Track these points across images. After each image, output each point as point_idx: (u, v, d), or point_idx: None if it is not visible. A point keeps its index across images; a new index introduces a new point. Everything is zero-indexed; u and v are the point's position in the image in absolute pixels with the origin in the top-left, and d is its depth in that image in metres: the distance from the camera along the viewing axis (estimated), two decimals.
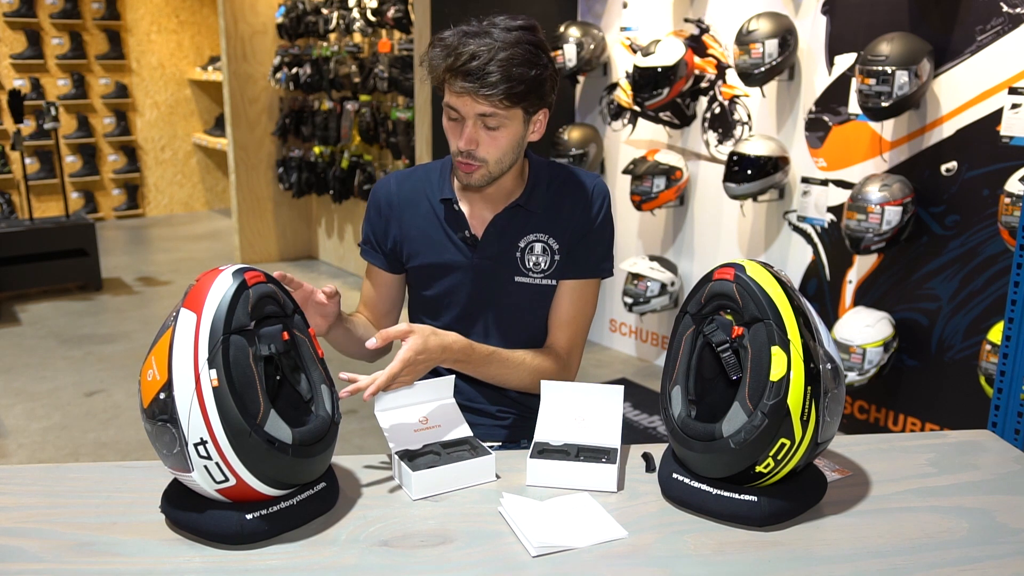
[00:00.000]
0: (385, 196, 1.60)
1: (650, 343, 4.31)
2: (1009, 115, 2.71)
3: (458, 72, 1.36)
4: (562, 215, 1.55)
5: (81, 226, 5.27)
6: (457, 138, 1.43)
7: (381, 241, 1.61)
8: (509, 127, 1.42)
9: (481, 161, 1.44)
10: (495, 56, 1.35)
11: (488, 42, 1.36)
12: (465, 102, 1.39)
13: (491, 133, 1.42)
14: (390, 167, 5.26)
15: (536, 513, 1.18)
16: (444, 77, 1.40)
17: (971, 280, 2.91)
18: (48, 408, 3.64)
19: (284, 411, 1.12)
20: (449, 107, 1.42)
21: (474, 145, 1.42)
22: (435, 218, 1.57)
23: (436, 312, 1.61)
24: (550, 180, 1.57)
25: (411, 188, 1.59)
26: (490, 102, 1.37)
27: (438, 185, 1.58)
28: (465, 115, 1.41)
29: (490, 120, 1.40)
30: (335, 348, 1.59)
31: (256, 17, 5.80)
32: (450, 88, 1.40)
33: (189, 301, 1.10)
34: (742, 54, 3.26)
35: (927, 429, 3.11)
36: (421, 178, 1.60)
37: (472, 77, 1.35)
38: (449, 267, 1.56)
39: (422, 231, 1.57)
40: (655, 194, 3.78)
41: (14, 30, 6.87)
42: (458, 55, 1.35)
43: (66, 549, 1.09)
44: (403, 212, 1.58)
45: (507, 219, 1.54)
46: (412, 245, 1.58)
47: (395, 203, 1.59)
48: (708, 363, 1.25)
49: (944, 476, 1.33)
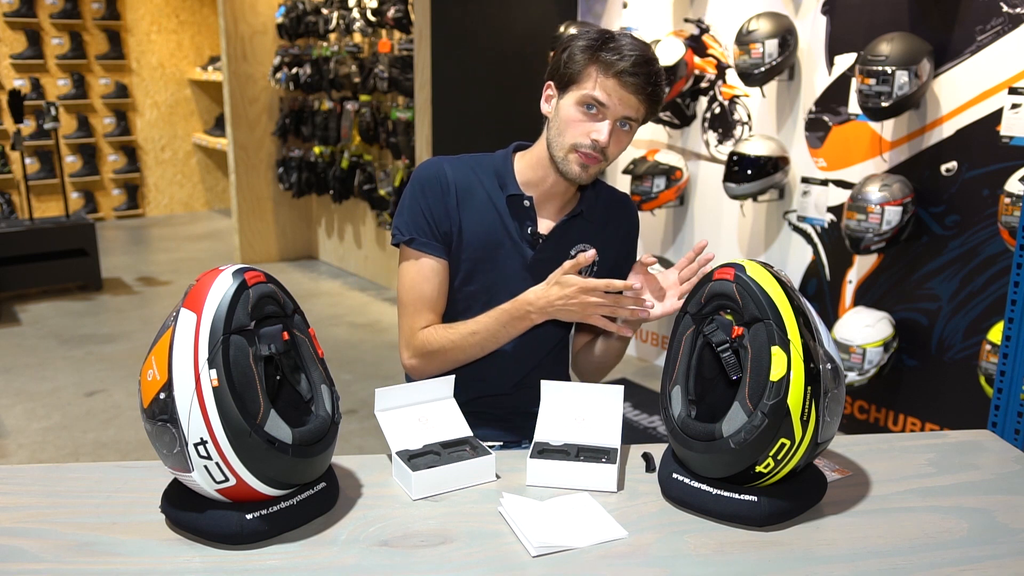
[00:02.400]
0: (442, 179, 1.52)
1: (650, 343, 4.31)
2: (1009, 115, 2.71)
3: (627, 71, 1.39)
4: (607, 233, 1.61)
5: (81, 226, 5.27)
6: (593, 132, 1.43)
7: (439, 224, 1.51)
8: (632, 132, 1.48)
9: (605, 157, 1.46)
10: (656, 67, 1.43)
11: (647, 48, 1.43)
12: (624, 99, 1.41)
13: (623, 133, 1.46)
14: (390, 167, 5.26)
15: (536, 513, 1.18)
16: (601, 72, 1.41)
17: (971, 280, 2.91)
18: (48, 408, 3.64)
19: (284, 411, 1.12)
20: (596, 101, 1.42)
21: (608, 142, 1.44)
22: (494, 211, 1.54)
23: (468, 308, 1.56)
24: (597, 193, 1.62)
25: (465, 176, 1.54)
26: (644, 106, 1.43)
27: (496, 180, 1.54)
28: (613, 113, 1.42)
29: (630, 122, 1.45)
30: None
31: (256, 17, 5.80)
32: (603, 83, 1.41)
33: (189, 301, 1.10)
34: (742, 54, 3.26)
35: (927, 429, 3.11)
36: (473, 168, 1.56)
37: (642, 79, 1.40)
38: (500, 263, 1.54)
39: (479, 222, 1.53)
40: (655, 194, 3.78)
41: (14, 30, 6.87)
42: (629, 55, 1.39)
43: (66, 549, 1.09)
44: (462, 200, 1.53)
45: (567, 226, 1.57)
46: (467, 236, 1.53)
47: (452, 190, 1.52)
48: (708, 363, 1.25)
49: (944, 476, 1.33)
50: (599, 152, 1.44)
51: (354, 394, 3.76)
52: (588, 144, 1.43)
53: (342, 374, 4.01)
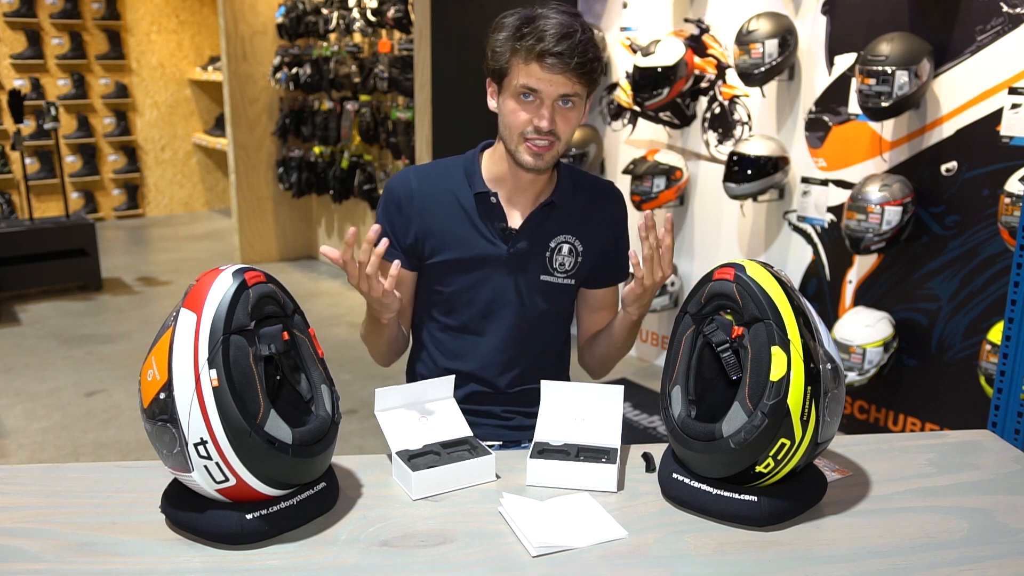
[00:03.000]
0: (405, 192, 1.56)
1: (650, 343, 4.31)
2: (1009, 115, 2.71)
3: (548, 52, 1.37)
4: (590, 222, 1.59)
5: (81, 226, 5.27)
6: (534, 118, 1.42)
7: (401, 238, 1.57)
8: (579, 107, 1.45)
9: (557, 138, 1.45)
10: (580, 36, 1.38)
11: (568, 21, 1.38)
12: (553, 80, 1.39)
13: (566, 112, 1.44)
14: (390, 167, 5.26)
15: (536, 513, 1.18)
16: (523, 60, 1.40)
17: (971, 280, 2.91)
18: (48, 408, 3.64)
19: (284, 411, 1.12)
20: (527, 88, 1.41)
21: (554, 124, 1.43)
22: (463, 212, 1.55)
23: (452, 309, 1.59)
24: (575, 183, 1.60)
25: (432, 183, 1.57)
26: (577, 81, 1.40)
27: (466, 180, 1.56)
28: (546, 95, 1.41)
29: (569, 99, 1.42)
30: (379, 346, 1.61)
31: (256, 17, 5.80)
32: (528, 70, 1.40)
33: (189, 301, 1.10)
34: (742, 54, 3.26)
35: (927, 429, 3.11)
36: (442, 173, 1.58)
37: (565, 56, 1.37)
38: (477, 262, 1.55)
39: (448, 226, 1.55)
40: (655, 194, 3.78)
41: (14, 30, 6.87)
42: (545, 35, 1.37)
43: (66, 549, 1.09)
44: (426, 207, 1.56)
45: (541, 217, 1.56)
46: (436, 240, 1.55)
47: (417, 198, 1.56)
48: (708, 363, 1.25)
49: (944, 476, 1.33)
50: (548, 136, 1.43)
51: (354, 394, 3.76)
52: (532, 131, 1.43)
53: (342, 374, 4.01)
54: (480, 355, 1.59)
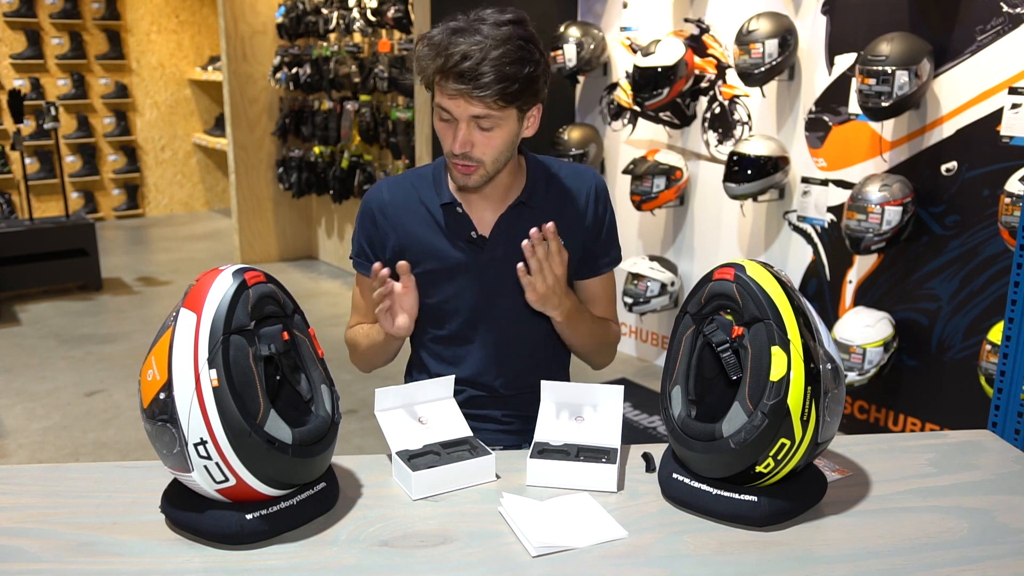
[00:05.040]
0: (378, 204, 1.55)
1: (650, 343, 4.31)
2: (1009, 115, 2.71)
3: (449, 73, 1.31)
4: (567, 212, 1.54)
5: (81, 226, 5.28)
6: (451, 140, 1.39)
7: (379, 251, 1.56)
8: (504, 127, 1.38)
9: (477, 162, 1.40)
10: (487, 55, 1.29)
11: (479, 40, 1.30)
12: (458, 104, 1.34)
13: (486, 134, 1.38)
14: (390, 167, 5.26)
15: (536, 513, 1.18)
16: (434, 78, 1.36)
17: (971, 280, 2.91)
18: (48, 408, 3.64)
19: (284, 411, 1.12)
20: (441, 108, 1.38)
21: (469, 147, 1.38)
22: (434, 223, 1.53)
23: (440, 320, 1.58)
24: (549, 177, 1.56)
25: (404, 194, 1.55)
26: (484, 103, 1.33)
27: (434, 189, 1.54)
28: (458, 117, 1.36)
29: (484, 121, 1.36)
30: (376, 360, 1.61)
31: (256, 17, 5.80)
32: (441, 89, 1.35)
33: (189, 301, 1.10)
34: (742, 54, 3.26)
35: (927, 429, 3.11)
36: (413, 183, 1.56)
37: (464, 79, 1.30)
38: (453, 271, 1.53)
39: (421, 237, 1.54)
40: (655, 194, 3.78)
41: (14, 30, 6.87)
42: (449, 56, 1.30)
43: (66, 549, 1.09)
44: (399, 219, 1.54)
45: (513, 218, 1.52)
46: (413, 252, 1.54)
47: (390, 211, 1.54)
48: (708, 363, 1.25)
49: (944, 476, 1.33)
50: (468, 159, 1.39)
51: (354, 394, 3.76)
52: (453, 154, 1.40)
53: (342, 374, 4.01)
54: (473, 361, 1.57)
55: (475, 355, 1.57)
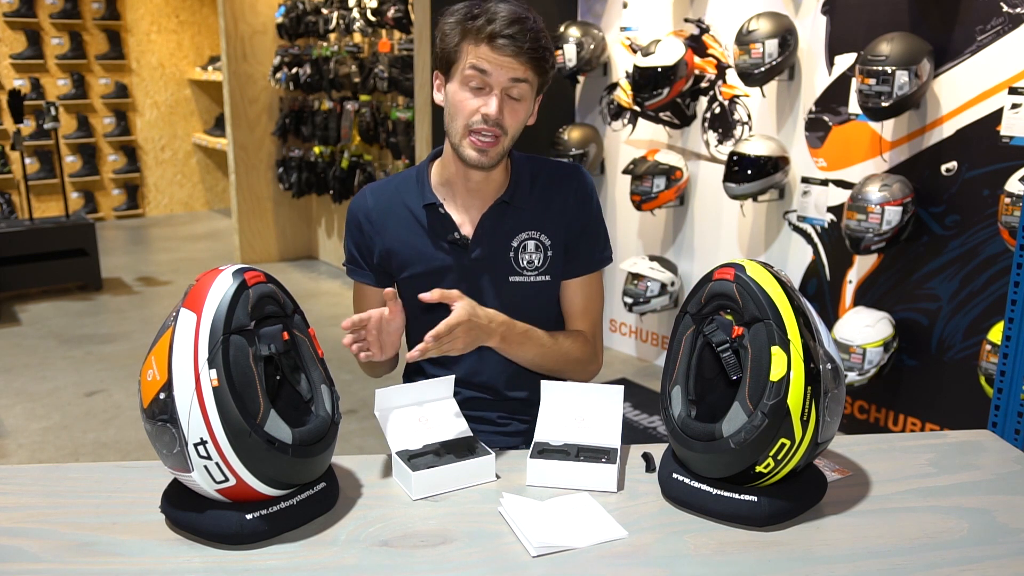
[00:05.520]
0: (363, 211, 1.56)
1: (650, 343, 4.31)
2: (1009, 115, 2.71)
3: (499, 34, 1.34)
4: (552, 211, 1.53)
5: (81, 226, 5.27)
6: (482, 107, 1.39)
7: (367, 257, 1.58)
8: (527, 101, 1.42)
9: (503, 132, 1.41)
10: (532, 24, 1.37)
11: (521, 9, 1.37)
12: (504, 63, 1.36)
13: (514, 105, 1.40)
14: (390, 167, 5.27)
15: (536, 513, 1.18)
16: (473, 43, 1.37)
17: (971, 280, 2.91)
18: (48, 408, 3.64)
19: (284, 411, 1.12)
20: (476, 71, 1.38)
21: (501, 115, 1.39)
22: (418, 226, 1.53)
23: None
24: (533, 175, 1.55)
25: (388, 199, 1.55)
26: (525, 67, 1.37)
27: (417, 191, 1.54)
28: (495, 82, 1.37)
29: (515, 90, 1.39)
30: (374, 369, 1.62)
31: (256, 17, 5.80)
32: (478, 51, 1.36)
33: (189, 301, 1.10)
34: (742, 54, 3.26)
35: (927, 429, 3.11)
36: (396, 187, 1.56)
37: (515, 40, 1.34)
38: (440, 273, 1.52)
39: (406, 241, 1.54)
40: (655, 194, 3.78)
41: (14, 30, 6.87)
42: (495, 17, 1.34)
43: (66, 549, 1.09)
44: (384, 224, 1.54)
45: (496, 217, 1.52)
46: (399, 257, 1.54)
47: (374, 217, 1.55)
48: (708, 363, 1.25)
49: (944, 476, 1.33)
50: (494, 128, 1.40)
51: (354, 394, 3.76)
52: (479, 121, 1.39)
53: (342, 374, 4.01)
54: (469, 363, 1.57)
55: (470, 357, 1.56)
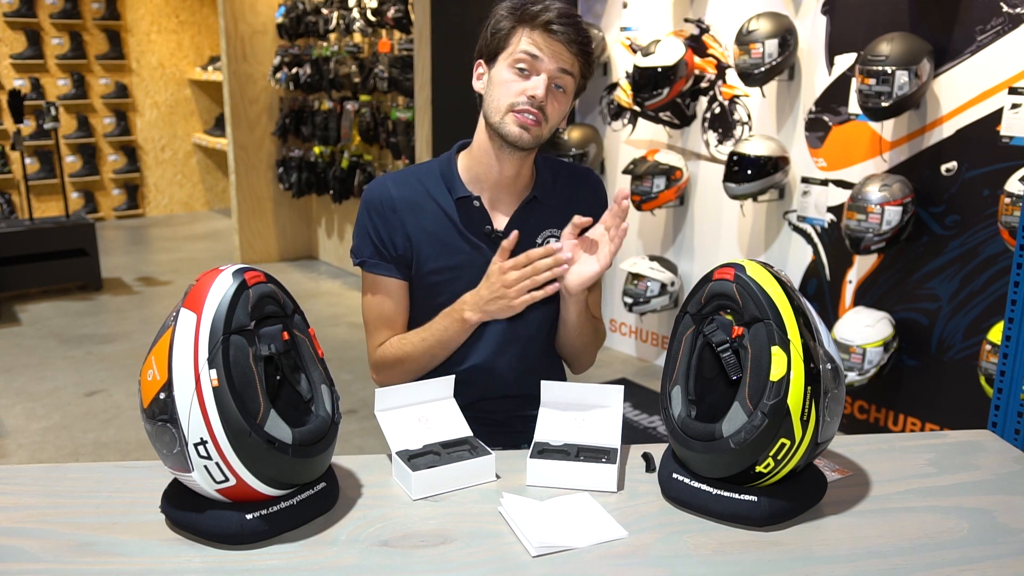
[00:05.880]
0: (387, 200, 1.51)
1: (650, 343, 4.31)
2: (1009, 115, 2.71)
3: (553, 22, 1.40)
4: (574, 210, 1.53)
5: (81, 226, 5.28)
6: (528, 88, 1.41)
7: (389, 248, 1.52)
8: (568, 94, 1.46)
9: (545, 118, 1.43)
10: (582, 23, 1.45)
11: (572, 9, 1.45)
12: (556, 50, 1.41)
13: (557, 96, 1.44)
14: (390, 167, 5.26)
15: (536, 513, 1.18)
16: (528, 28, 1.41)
17: (971, 280, 2.91)
18: (48, 408, 3.64)
19: (284, 411, 1.12)
20: (527, 55, 1.41)
21: (546, 100, 1.42)
22: (445, 219, 1.51)
23: None
24: (554, 174, 1.59)
25: (411, 190, 1.53)
26: (576, 59, 1.43)
27: (444, 185, 1.52)
28: (544, 68, 1.41)
29: (561, 79, 1.43)
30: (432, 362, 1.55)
31: (256, 17, 5.81)
32: (532, 37, 1.41)
33: (189, 301, 1.10)
34: (742, 54, 3.26)
35: (927, 429, 3.11)
36: (420, 179, 1.54)
37: (572, 31, 1.41)
38: (466, 267, 1.51)
39: (432, 234, 1.51)
40: (655, 194, 3.78)
41: (14, 30, 6.87)
42: (552, 7, 1.41)
43: (66, 549, 1.09)
44: (408, 215, 1.51)
45: (525, 214, 1.54)
46: (424, 248, 1.51)
47: (399, 207, 1.51)
48: (708, 363, 1.25)
49: (944, 476, 1.33)
50: (537, 110, 1.42)
51: (354, 394, 3.76)
52: (524, 101, 1.42)
53: (342, 374, 4.01)
54: (476, 360, 1.56)
55: (479, 354, 1.56)
